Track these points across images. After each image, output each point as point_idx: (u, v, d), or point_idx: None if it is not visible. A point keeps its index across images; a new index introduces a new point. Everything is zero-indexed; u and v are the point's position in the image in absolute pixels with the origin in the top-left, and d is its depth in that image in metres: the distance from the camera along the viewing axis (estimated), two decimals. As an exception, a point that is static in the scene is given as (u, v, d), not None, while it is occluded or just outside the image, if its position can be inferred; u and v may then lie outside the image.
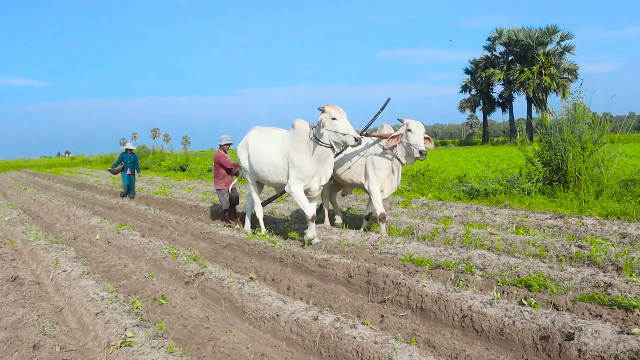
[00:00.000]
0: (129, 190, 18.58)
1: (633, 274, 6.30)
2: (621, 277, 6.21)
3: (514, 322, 4.89)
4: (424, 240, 9.17)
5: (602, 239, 8.29)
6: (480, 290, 6.18)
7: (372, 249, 8.48)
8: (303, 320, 5.37)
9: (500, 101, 65.25)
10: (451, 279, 6.55)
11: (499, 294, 5.70)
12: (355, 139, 8.12)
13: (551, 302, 5.64)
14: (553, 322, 4.74)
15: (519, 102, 64.57)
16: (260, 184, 10.59)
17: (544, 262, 7.16)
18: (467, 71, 66.94)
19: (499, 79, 61.69)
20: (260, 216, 10.48)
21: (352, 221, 11.45)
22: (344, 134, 8.22)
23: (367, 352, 4.61)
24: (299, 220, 11.91)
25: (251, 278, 7.11)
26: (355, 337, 4.82)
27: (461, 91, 67.53)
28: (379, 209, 9.26)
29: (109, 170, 18.99)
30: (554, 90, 55.84)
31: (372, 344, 4.68)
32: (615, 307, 5.56)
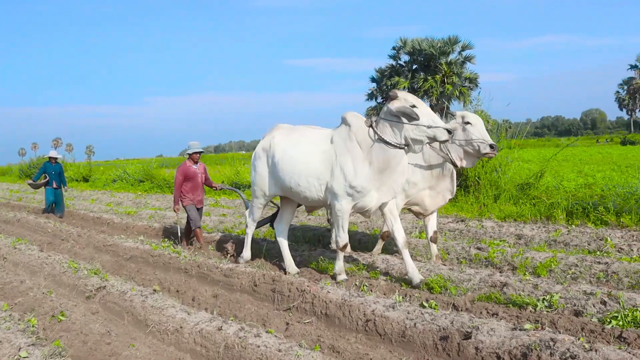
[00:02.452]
0: (55, 206, 15.94)
1: (527, 273, 6.59)
2: (516, 276, 6.49)
3: (415, 324, 5.00)
4: (328, 246, 9.25)
5: (500, 241, 8.64)
6: (384, 294, 6.30)
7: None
8: (207, 331, 5.30)
9: (406, 109, 66.72)
10: (355, 284, 6.65)
11: (401, 297, 5.83)
12: (449, 132, 6.32)
13: (451, 303, 5.81)
14: (452, 323, 4.88)
15: (424, 110, 66.26)
16: (287, 204, 8.14)
17: (444, 264, 7.38)
18: (373, 79, 67.97)
19: (404, 87, 62.99)
20: (250, 232, 8.50)
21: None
22: (429, 127, 6.27)
23: (270, 360, 4.60)
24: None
25: (155, 290, 6.95)
26: (259, 346, 4.80)
27: (367, 99, 68.33)
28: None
29: (30, 185, 16.51)
30: (456, 98, 57.66)
31: (276, 352, 4.67)
32: (510, 305, 5.80)
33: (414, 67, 63.76)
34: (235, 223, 12.13)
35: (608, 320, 5.15)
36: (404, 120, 6.34)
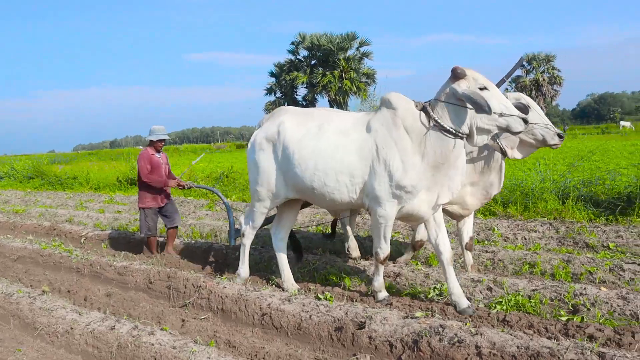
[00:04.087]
0: None
1: (418, 264, 6.83)
2: (408, 267, 6.71)
3: (310, 316, 5.09)
4: (227, 242, 9.21)
5: (395, 232, 8.89)
6: (280, 288, 6.36)
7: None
8: (99, 331, 5.17)
9: (305, 103, 67.20)
10: (252, 278, 6.67)
11: (296, 290, 5.91)
12: (525, 122, 5.06)
13: (346, 295, 5.95)
14: (346, 313, 4.99)
15: (323, 105, 67.17)
16: (291, 205, 6.62)
17: (339, 257, 7.53)
18: (272, 74, 68.09)
19: (303, 82, 63.52)
20: (247, 243, 6.73)
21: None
22: (501, 114, 5.02)
23: (165, 357, 4.55)
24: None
25: (44, 291, 6.71)
26: (153, 344, 4.74)
27: (266, 94, 68.52)
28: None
29: None
30: (354, 93, 58.69)
31: (170, 349, 4.63)
32: (403, 294, 6.01)
33: (313, 62, 64.29)
34: (130, 220, 11.83)
35: (493, 305, 5.46)
36: (469, 107, 5.11)
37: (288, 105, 68.40)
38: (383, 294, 5.77)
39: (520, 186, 10.63)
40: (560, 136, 5.61)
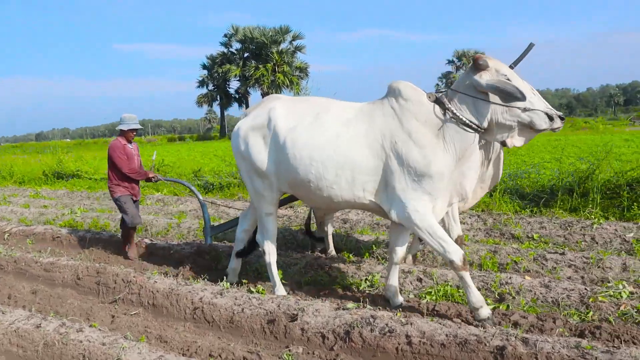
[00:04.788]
0: None
1: (350, 255, 6.90)
2: (340, 259, 6.78)
3: (243, 309, 5.08)
4: (158, 235, 9.09)
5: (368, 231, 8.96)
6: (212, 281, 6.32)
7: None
8: (24, 330, 5.01)
9: (237, 96, 66.90)
10: (183, 273, 6.60)
11: (228, 283, 5.88)
12: (550, 118, 4.67)
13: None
14: (279, 306, 5.02)
15: (255, 98, 66.94)
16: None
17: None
18: (204, 67, 67.43)
19: (235, 75, 63.14)
20: (273, 260, 5.89)
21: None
22: (525, 109, 4.64)
23: (94, 354, 4.46)
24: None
25: (-36, 290, 6.45)
26: (82, 341, 4.63)
27: (199, 86, 67.88)
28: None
29: None
30: (287, 87, 58.71)
31: (100, 345, 4.54)
32: (335, 285, 6.07)
33: (246, 55, 64.01)
34: (57, 215, 11.49)
35: (423, 295, 5.58)
36: (494, 98, 4.68)
37: (220, 97, 67.04)
38: (486, 311, 4.79)
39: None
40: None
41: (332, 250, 7.27)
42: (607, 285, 5.34)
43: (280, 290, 5.80)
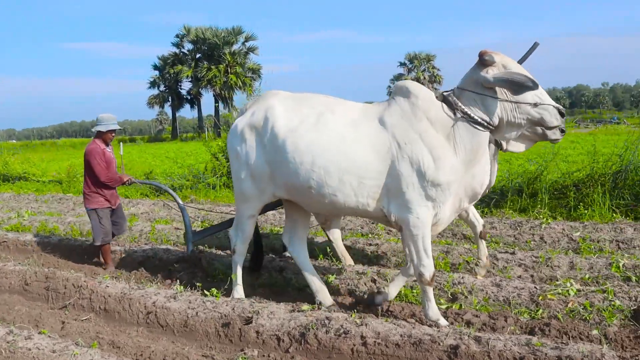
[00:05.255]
0: None
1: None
2: (294, 261, 6.76)
3: (197, 313, 5.04)
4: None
5: (281, 227, 8.95)
6: (165, 285, 6.25)
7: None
8: (-31, 338, 4.86)
9: (189, 98, 66.29)
10: (136, 277, 6.51)
11: (182, 287, 5.82)
12: (562, 114, 4.64)
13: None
14: (233, 309, 4.99)
15: (208, 99, 66.44)
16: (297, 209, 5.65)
17: (227, 252, 7.48)
18: (155, 67, 66.56)
19: (187, 76, 62.56)
20: (240, 261, 5.79)
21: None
22: (536, 104, 4.54)
23: (44, 362, 4.36)
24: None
25: None
26: (30, 349, 4.52)
27: (150, 87, 66.97)
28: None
29: None
30: (240, 88, 58.43)
31: (50, 353, 4.44)
32: (290, 288, 6.08)
33: (198, 55, 63.47)
34: (3, 218, 11.17)
35: (377, 296, 5.60)
36: (502, 94, 4.55)
37: (172, 98, 66.28)
38: (444, 322, 4.73)
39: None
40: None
41: (347, 260, 6.65)
42: (556, 284, 5.48)
43: (239, 292, 5.64)
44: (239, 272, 5.72)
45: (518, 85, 4.35)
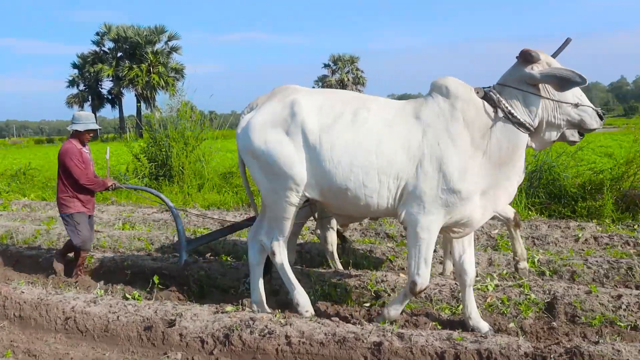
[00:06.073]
0: None
1: (228, 258, 6.85)
2: (218, 262, 6.70)
3: (118, 317, 4.92)
4: (25, 243, 8.59)
5: (204, 229, 8.85)
6: (86, 289, 6.08)
7: None
8: None
9: (110, 97, 64.66)
10: (54, 281, 6.30)
11: (102, 291, 5.68)
12: (600, 117, 4.49)
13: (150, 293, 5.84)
14: (156, 312, 4.90)
15: (129, 99, 64.99)
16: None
17: (149, 255, 7.34)
18: (75, 66, 64.53)
19: (108, 75, 61.05)
20: (285, 261, 5.18)
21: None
22: (577, 105, 4.42)
23: (-47, 373, 4.16)
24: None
25: None
26: (-63, 359, 4.31)
27: (68, 86, 64.79)
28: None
29: None
30: (162, 88, 57.48)
31: (-42, 363, 4.24)
32: (214, 289, 6.03)
33: (119, 54, 62.06)
34: None
35: (303, 295, 5.61)
36: (545, 92, 4.42)
37: (92, 98, 64.36)
38: (395, 314, 4.81)
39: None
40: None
41: (337, 266, 6.45)
42: (475, 279, 5.63)
43: (301, 296, 5.08)
44: (289, 272, 5.15)
45: (565, 81, 4.23)
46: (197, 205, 11.15)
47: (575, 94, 4.41)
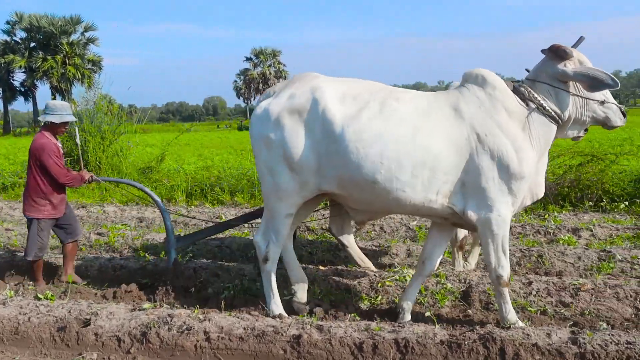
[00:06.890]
0: None
1: (147, 255, 6.71)
2: (135, 259, 6.57)
3: (29, 318, 4.74)
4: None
5: (122, 225, 8.66)
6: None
7: None
8: None
9: (23, 90, 62.16)
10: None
11: (12, 292, 5.47)
12: (624, 114, 4.55)
13: (67, 292, 5.67)
14: (69, 312, 4.76)
15: (43, 91, 62.66)
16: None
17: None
18: (-18, 55, 61.70)
19: (20, 66, 58.71)
20: (274, 269, 5.00)
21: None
22: (603, 102, 4.47)
23: None
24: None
25: None
26: None
27: (-24, 77, 61.93)
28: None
29: None
30: (79, 80, 55.77)
31: None
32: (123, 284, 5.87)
33: (32, 45, 59.83)
34: None
35: (222, 291, 5.58)
36: (575, 89, 4.46)
37: (3, 90, 61.76)
38: (521, 323, 4.45)
39: (247, 175, 11.05)
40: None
41: (366, 264, 6.05)
42: (394, 270, 5.74)
43: (277, 306, 4.92)
44: (273, 283, 4.96)
45: (598, 82, 4.26)
46: (115, 200, 10.88)
47: (602, 91, 4.45)
